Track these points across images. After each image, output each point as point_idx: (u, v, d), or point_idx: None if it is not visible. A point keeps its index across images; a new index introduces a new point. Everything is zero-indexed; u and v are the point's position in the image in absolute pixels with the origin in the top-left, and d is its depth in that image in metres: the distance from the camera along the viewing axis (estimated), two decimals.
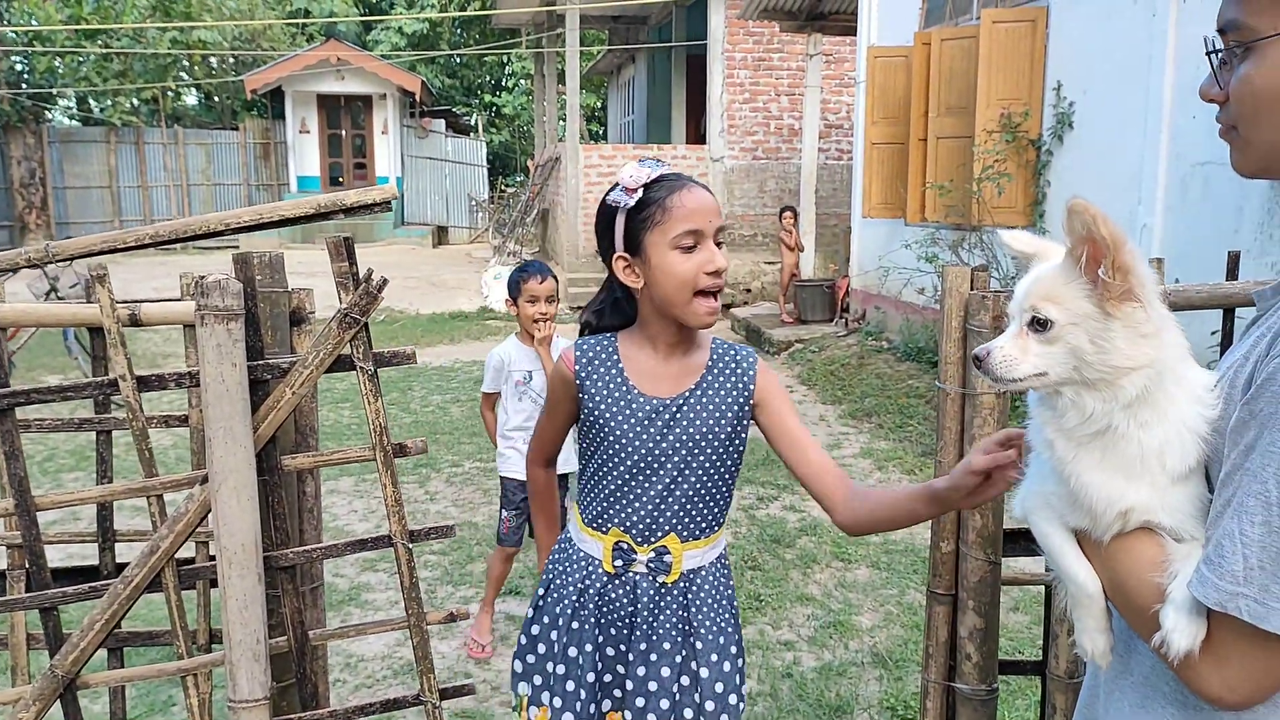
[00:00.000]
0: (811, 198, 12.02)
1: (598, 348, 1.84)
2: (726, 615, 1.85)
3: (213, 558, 1.60)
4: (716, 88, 14.29)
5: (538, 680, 1.88)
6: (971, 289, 1.91)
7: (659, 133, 19.31)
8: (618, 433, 1.76)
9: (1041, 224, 7.23)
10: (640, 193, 1.72)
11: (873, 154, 9.37)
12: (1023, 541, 1.96)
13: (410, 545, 1.69)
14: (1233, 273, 2.01)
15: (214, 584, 1.73)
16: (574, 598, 1.83)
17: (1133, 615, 1.07)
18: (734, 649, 1.85)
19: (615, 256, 1.77)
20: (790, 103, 14.67)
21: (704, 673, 1.80)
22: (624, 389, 1.78)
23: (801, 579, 4.53)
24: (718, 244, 1.74)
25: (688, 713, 1.81)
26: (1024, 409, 1.22)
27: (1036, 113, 7.29)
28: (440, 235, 22.47)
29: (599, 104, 29.92)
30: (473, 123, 29.00)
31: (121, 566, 1.91)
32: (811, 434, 1.88)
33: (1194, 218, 5.70)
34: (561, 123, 20.20)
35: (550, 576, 1.91)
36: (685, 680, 1.81)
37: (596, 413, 1.78)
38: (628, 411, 1.77)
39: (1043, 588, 2.16)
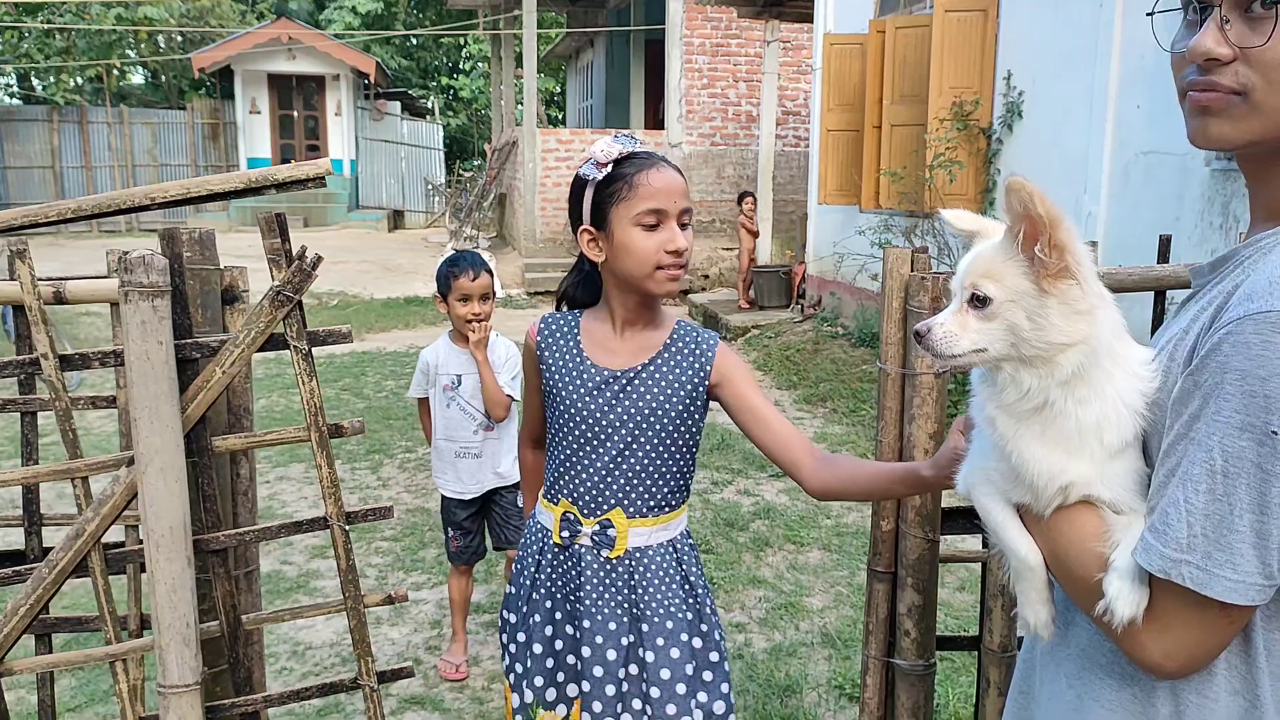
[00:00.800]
0: (769, 184, 12.05)
1: (560, 322, 1.89)
2: (679, 600, 1.81)
3: (143, 541, 1.56)
4: (675, 73, 14.26)
5: (513, 649, 1.91)
6: (912, 271, 1.93)
7: (618, 118, 19.25)
8: (568, 401, 1.80)
9: (992, 211, 7.31)
10: (610, 168, 1.75)
11: (828, 141, 9.40)
12: (961, 519, 1.98)
13: (347, 527, 1.67)
14: (1164, 255, 2.04)
15: (145, 568, 1.70)
16: (533, 569, 1.87)
17: (1075, 586, 1.08)
18: (688, 636, 1.81)
19: (580, 229, 1.81)
20: (748, 89, 14.68)
21: (649, 657, 1.78)
22: (577, 359, 1.82)
23: (754, 562, 4.56)
24: (683, 225, 1.77)
25: (636, 703, 1.78)
26: (966, 388, 1.23)
27: (987, 101, 7.36)
28: (396, 219, 22.21)
29: (558, 88, 29.74)
30: (429, 105, 28.68)
31: (50, 551, 1.86)
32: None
33: (1136, 206, 5.79)
34: (519, 107, 20.03)
35: (521, 550, 1.95)
36: (634, 669, 1.79)
37: (552, 382, 1.83)
38: (578, 380, 1.80)
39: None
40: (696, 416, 1.84)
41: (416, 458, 6.11)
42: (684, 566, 1.85)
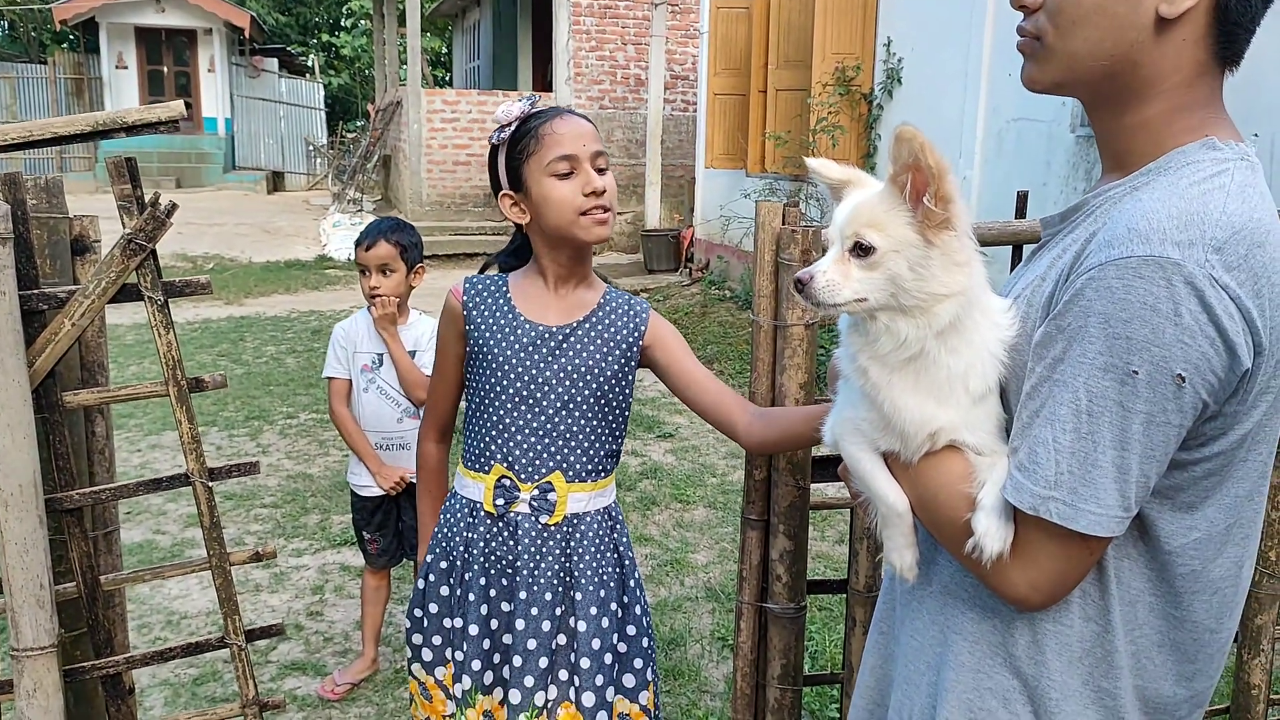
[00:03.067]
0: (657, 148, 12.05)
1: (486, 282, 1.85)
2: (610, 569, 1.82)
3: None
4: (563, 35, 14.08)
5: (437, 640, 1.84)
6: (783, 224, 1.97)
7: (505, 79, 18.92)
8: (501, 359, 1.76)
9: (874, 176, 7.49)
10: (514, 126, 1.75)
11: (715, 105, 9.46)
12: (831, 468, 2.05)
13: (210, 484, 1.62)
14: (1021, 211, 2.14)
15: None
16: (461, 549, 1.80)
17: (943, 527, 1.12)
18: (615, 607, 1.82)
19: (501, 195, 1.79)
20: (637, 52, 14.61)
21: (580, 627, 1.77)
22: (510, 316, 1.79)
23: (641, 520, 4.62)
24: (600, 170, 1.75)
25: (563, 674, 1.77)
26: (835, 340, 1.25)
27: (868, 67, 7.52)
28: (275, 181, 21.41)
29: (444, 49, 29.02)
30: (309, 63, 27.63)
31: None
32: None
33: (1007, 171, 6.03)
34: (403, 66, 19.47)
35: (437, 539, 1.87)
36: (563, 639, 1.78)
37: (481, 341, 1.78)
38: (512, 337, 1.77)
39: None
40: (630, 378, 1.84)
41: (298, 424, 5.97)
42: (615, 535, 1.85)
